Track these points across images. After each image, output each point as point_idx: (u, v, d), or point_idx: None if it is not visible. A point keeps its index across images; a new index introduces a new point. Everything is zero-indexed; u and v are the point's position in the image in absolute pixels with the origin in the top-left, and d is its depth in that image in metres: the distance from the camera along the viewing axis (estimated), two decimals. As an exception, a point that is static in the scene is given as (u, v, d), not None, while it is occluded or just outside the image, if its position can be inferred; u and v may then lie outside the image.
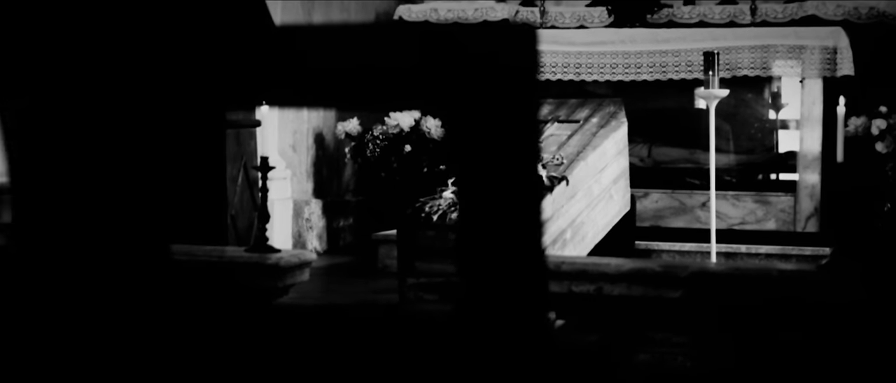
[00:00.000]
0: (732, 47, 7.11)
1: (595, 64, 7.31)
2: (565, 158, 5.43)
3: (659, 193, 7.28)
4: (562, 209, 5.20)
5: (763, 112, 7.69)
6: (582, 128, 5.90)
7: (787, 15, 7.48)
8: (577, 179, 5.35)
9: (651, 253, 6.82)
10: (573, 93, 7.17)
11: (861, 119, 6.73)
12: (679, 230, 7.12)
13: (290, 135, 7.77)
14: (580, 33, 7.39)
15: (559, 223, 5.19)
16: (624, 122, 5.98)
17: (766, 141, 7.55)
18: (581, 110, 6.23)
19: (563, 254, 5.23)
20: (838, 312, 3.44)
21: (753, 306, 3.63)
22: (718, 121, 7.59)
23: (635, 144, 7.65)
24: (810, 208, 6.96)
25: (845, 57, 6.92)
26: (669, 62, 7.22)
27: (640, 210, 7.20)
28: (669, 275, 3.91)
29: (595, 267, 4.01)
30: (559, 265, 4.05)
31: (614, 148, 5.81)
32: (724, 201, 7.14)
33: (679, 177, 7.41)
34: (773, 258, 6.70)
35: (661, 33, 7.25)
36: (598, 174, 5.60)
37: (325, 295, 5.72)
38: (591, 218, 5.52)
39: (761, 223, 7.09)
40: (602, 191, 5.65)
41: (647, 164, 7.56)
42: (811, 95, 7.03)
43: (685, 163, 7.51)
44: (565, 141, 5.73)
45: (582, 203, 5.42)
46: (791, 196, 7.06)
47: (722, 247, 6.73)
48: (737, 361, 3.60)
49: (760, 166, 7.51)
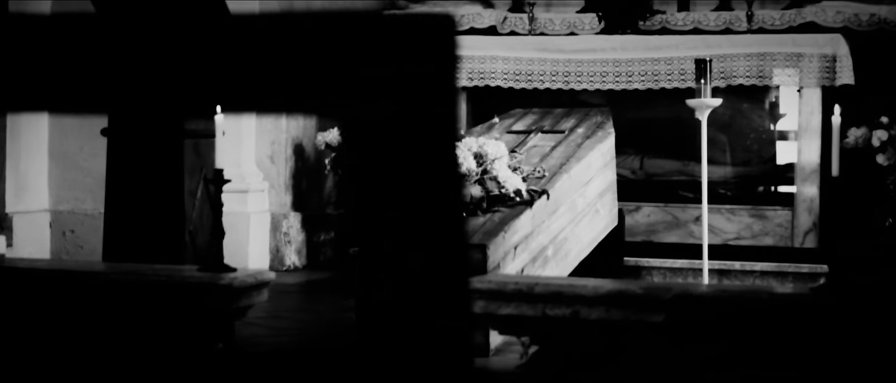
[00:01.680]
0: (727, 55, 6.82)
1: (585, 72, 7.02)
2: (547, 171, 5.13)
3: (651, 207, 6.99)
4: (543, 225, 4.91)
5: (760, 122, 7.38)
6: (567, 138, 5.61)
7: (784, 22, 7.19)
8: (559, 193, 5.06)
9: (641, 269, 6.52)
10: (566, 102, 6.88)
11: (861, 130, 6.43)
12: (671, 245, 6.82)
13: (268, 146, 7.48)
14: (569, 40, 7.10)
15: (540, 239, 4.89)
16: (611, 133, 5.68)
17: (762, 152, 7.24)
18: (567, 120, 5.94)
19: (545, 272, 4.93)
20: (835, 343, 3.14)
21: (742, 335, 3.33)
22: (714, 131, 7.30)
23: (627, 156, 7.36)
24: (808, 223, 6.66)
25: (845, 65, 6.62)
26: (662, 70, 6.92)
27: (632, 224, 6.91)
28: (651, 297, 3.61)
29: (571, 288, 3.71)
30: (532, 287, 3.75)
31: (600, 160, 5.51)
32: (718, 215, 6.85)
33: (672, 190, 7.11)
34: (769, 276, 6.40)
35: (652, 40, 6.96)
36: (582, 187, 5.30)
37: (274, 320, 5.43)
38: (574, 234, 5.22)
39: (757, 238, 6.79)
40: (587, 206, 5.35)
41: (639, 177, 7.27)
42: (809, 105, 6.73)
43: (678, 175, 7.21)
44: (548, 152, 5.43)
45: (565, 218, 5.12)
46: (788, 210, 6.76)
47: (715, 263, 6.43)
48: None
49: (757, 179, 7.20)
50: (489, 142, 4.94)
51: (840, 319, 3.25)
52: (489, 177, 4.78)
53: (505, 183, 4.78)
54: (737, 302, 3.54)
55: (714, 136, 7.28)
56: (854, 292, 3.42)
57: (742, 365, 3.47)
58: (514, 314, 3.79)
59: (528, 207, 4.79)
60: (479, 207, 4.72)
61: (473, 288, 3.79)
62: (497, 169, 4.81)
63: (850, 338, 3.19)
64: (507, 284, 3.79)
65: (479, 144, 4.94)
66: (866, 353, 3.19)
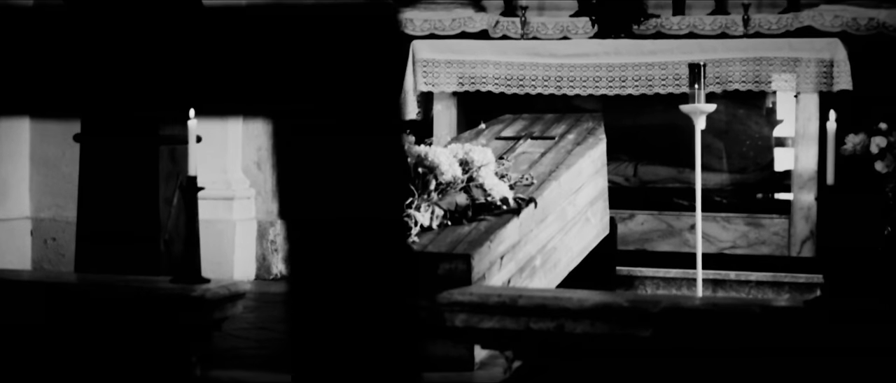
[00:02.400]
0: (723, 59, 6.68)
1: (577, 77, 6.88)
2: (536, 178, 4.99)
3: (645, 215, 6.84)
4: (530, 234, 4.76)
5: (757, 128, 7.23)
6: (556, 145, 5.46)
7: (781, 26, 7.04)
8: (548, 201, 4.91)
9: (634, 279, 6.37)
10: (561, 108, 6.74)
11: (859, 136, 6.29)
12: (666, 254, 6.68)
13: (255, 152, 7.34)
14: (561, 45, 6.95)
15: (527, 249, 4.74)
16: (602, 139, 5.54)
17: (759, 159, 7.09)
18: (557, 126, 5.80)
19: (532, 283, 4.78)
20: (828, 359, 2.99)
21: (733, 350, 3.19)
22: (709, 138, 7.15)
23: (621, 163, 7.21)
24: (806, 231, 6.51)
25: (843, 70, 6.48)
26: (656, 75, 6.78)
27: (625, 233, 6.76)
28: (638, 310, 3.46)
29: (556, 301, 3.57)
30: (516, 299, 3.60)
31: (591, 166, 5.37)
32: (714, 223, 6.70)
33: (667, 198, 6.96)
34: (765, 286, 6.25)
35: (646, 45, 6.81)
36: (572, 195, 5.15)
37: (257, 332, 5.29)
38: (564, 243, 5.07)
39: (754, 247, 6.65)
40: (577, 214, 5.21)
41: (633, 184, 7.12)
42: (806, 111, 6.59)
43: (673, 182, 7.06)
44: (538, 159, 5.29)
45: (554, 227, 4.97)
46: (785, 218, 6.61)
47: (710, 273, 6.29)
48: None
49: (754, 186, 7.04)
50: (475, 148, 4.80)
51: (834, 335, 3.11)
52: (475, 185, 4.63)
53: (491, 190, 4.64)
54: (728, 316, 3.39)
55: (710, 143, 7.13)
56: (849, 306, 3.28)
57: (733, 381, 3.33)
58: (497, 327, 3.64)
59: (516, 216, 4.64)
60: (464, 216, 4.57)
61: (455, 301, 3.65)
62: (483, 176, 4.67)
63: (844, 354, 3.05)
64: (490, 296, 3.64)
65: (465, 151, 4.79)
66: (861, 370, 3.05)
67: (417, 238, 4.43)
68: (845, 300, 3.32)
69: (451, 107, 7.09)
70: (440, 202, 4.55)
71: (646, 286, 6.39)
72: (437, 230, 4.51)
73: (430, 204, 4.54)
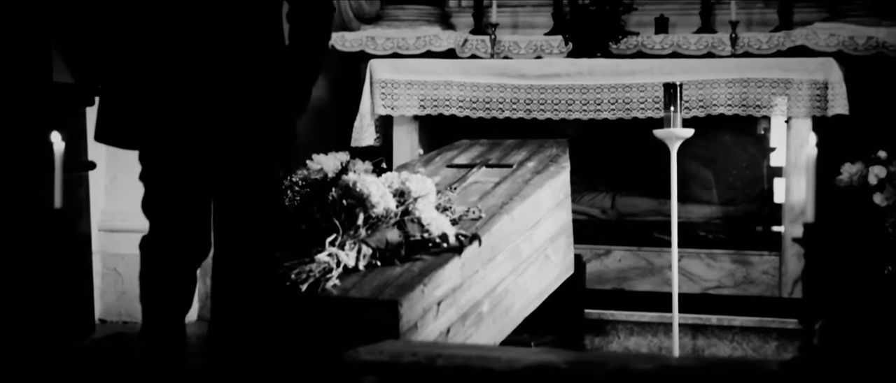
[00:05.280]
0: (707, 81, 6.09)
1: (548, 99, 6.28)
2: (485, 211, 4.39)
3: (622, 251, 6.23)
4: (476, 275, 4.16)
5: (747, 156, 6.62)
6: (514, 173, 4.86)
7: (772, 45, 6.46)
8: (498, 237, 4.31)
9: (604, 324, 5.75)
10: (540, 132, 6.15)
11: (856, 166, 5.68)
12: (644, 295, 6.06)
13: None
14: (530, 64, 6.37)
15: (472, 293, 4.14)
16: (565, 167, 4.94)
17: (748, 190, 6.48)
18: (517, 153, 5.20)
19: (478, 333, 4.18)
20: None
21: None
22: (696, 166, 6.55)
23: (597, 194, 6.62)
24: (798, 270, 5.90)
25: (838, 92, 5.87)
26: (634, 98, 6.19)
27: (601, 270, 6.15)
28: (580, 374, 2.87)
29: (481, 361, 2.96)
30: (434, 359, 3.00)
31: (552, 198, 4.77)
32: (697, 261, 6.10)
33: (647, 232, 6.36)
34: (750, 332, 5.63)
35: (623, 65, 6.22)
36: (528, 231, 4.55)
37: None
38: (518, 285, 4.47)
39: (741, 287, 6.03)
40: (534, 252, 4.60)
41: (611, 217, 6.52)
42: (799, 137, 5.98)
43: (655, 215, 6.45)
44: (490, 190, 4.69)
45: (506, 267, 4.37)
46: (776, 255, 6.00)
47: (689, 317, 5.67)
48: None
49: (742, 219, 6.43)
50: (413, 177, 4.20)
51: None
52: (410, 220, 4.04)
53: (429, 225, 4.04)
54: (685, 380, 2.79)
55: (696, 172, 6.54)
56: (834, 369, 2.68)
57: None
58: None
59: (457, 255, 4.04)
60: (396, 255, 3.97)
61: (361, 361, 3.04)
62: (420, 209, 4.07)
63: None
64: (403, 355, 3.04)
65: (401, 180, 4.20)
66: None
67: (339, 281, 3.84)
68: (828, 361, 2.71)
69: (412, 132, 6.51)
70: (368, 239, 3.96)
71: (618, 332, 5.78)
72: (364, 271, 3.92)
73: (356, 241, 3.95)
